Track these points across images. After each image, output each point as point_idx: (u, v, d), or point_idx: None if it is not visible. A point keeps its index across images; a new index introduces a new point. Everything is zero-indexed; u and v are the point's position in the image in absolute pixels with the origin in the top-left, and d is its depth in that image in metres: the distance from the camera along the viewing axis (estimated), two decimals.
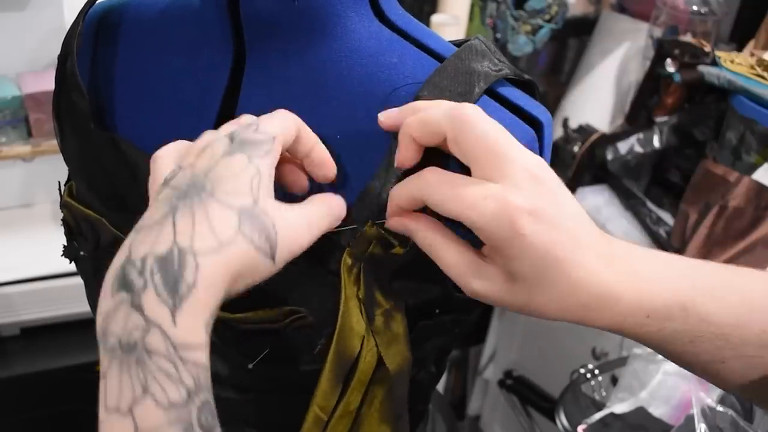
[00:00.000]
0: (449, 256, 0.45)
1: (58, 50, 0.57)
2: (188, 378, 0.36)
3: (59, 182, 0.63)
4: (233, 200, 0.40)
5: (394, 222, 0.47)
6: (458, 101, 0.48)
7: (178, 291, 0.37)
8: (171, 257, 0.37)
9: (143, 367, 0.36)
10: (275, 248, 0.41)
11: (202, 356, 0.37)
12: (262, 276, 0.42)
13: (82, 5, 0.58)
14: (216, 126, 0.55)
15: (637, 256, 0.45)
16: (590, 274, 0.42)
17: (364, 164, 0.51)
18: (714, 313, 0.43)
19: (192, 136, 0.56)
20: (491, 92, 0.51)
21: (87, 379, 1.68)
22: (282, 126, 0.44)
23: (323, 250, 0.49)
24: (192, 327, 0.37)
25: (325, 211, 0.46)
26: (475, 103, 0.49)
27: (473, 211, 0.42)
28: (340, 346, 0.48)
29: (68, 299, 1.49)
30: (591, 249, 0.43)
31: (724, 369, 0.45)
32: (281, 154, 0.44)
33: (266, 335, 0.53)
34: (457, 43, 0.53)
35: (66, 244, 0.62)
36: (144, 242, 0.38)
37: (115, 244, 0.56)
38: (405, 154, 0.46)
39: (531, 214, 0.41)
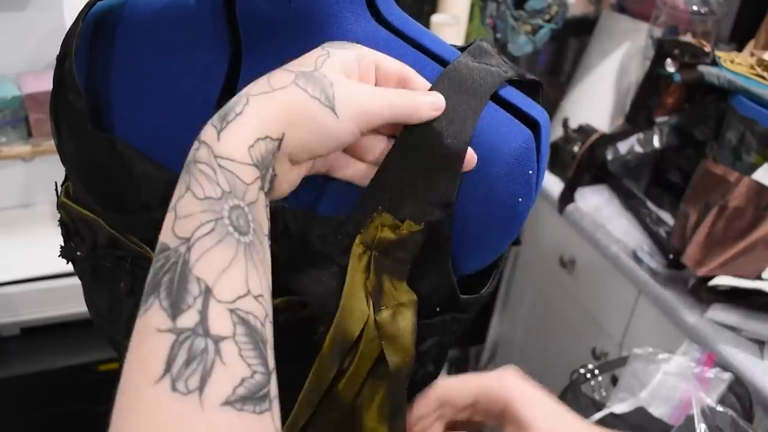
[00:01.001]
0: None
1: (58, 50, 0.57)
2: (224, 181, 0.40)
3: (56, 183, 0.62)
4: (296, 68, 0.44)
5: None
6: (472, 102, 0.49)
7: (227, 118, 0.41)
8: (230, 102, 0.43)
9: (189, 173, 0.40)
10: (333, 100, 0.43)
11: (241, 171, 0.40)
12: (332, 131, 0.44)
13: (82, 6, 0.58)
14: None
15: None
16: None
17: None
18: None
19: (188, 137, 0.56)
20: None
21: (87, 379, 1.69)
22: (366, 49, 0.48)
23: (328, 239, 0.49)
24: (233, 144, 0.40)
25: (403, 94, 0.47)
26: (486, 102, 0.49)
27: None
28: (339, 327, 0.48)
29: (68, 299, 1.49)
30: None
31: None
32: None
33: None
34: (460, 48, 0.54)
35: (63, 244, 0.62)
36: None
37: (112, 244, 0.56)
38: None
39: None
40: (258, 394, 0.36)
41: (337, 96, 0.43)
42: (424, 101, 0.47)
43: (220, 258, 0.38)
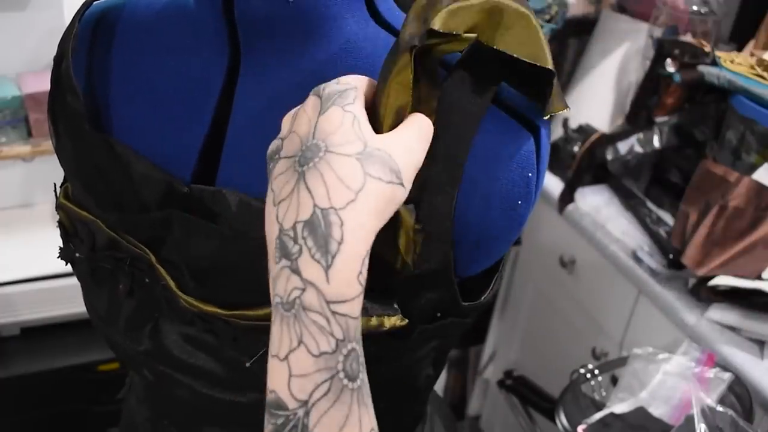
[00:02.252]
0: None
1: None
2: (338, 330, 0.39)
3: (54, 184, 0.62)
4: (348, 149, 0.42)
5: None
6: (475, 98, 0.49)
7: (330, 250, 0.40)
8: (317, 220, 0.40)
9: (299, 322, 0.39)
10: (401, 174, 0.43)
11: (353, 308, 0.40)
12: (401, 202, 0.44)
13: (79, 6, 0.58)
14: (211, 127, 0.55)
15: None
16: None
17: None
18: None
19: (186, 138, 0.55)
20: None
21: (87, 379, 1.69)
22: (360, 80, 0.47)
23: None
24: (345, 281, 0.40)
25: (422, 127, 0.47)
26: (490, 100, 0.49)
27: None
28: None
29: (68, 299, 1.49)
30: None
31: None
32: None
33: (265, 333, 0.53)
34: None
35: (62, 245, 0.62)
36: (290, 212, 0.41)
37: (111, 245, 0.56)
38: None
39: None
40: None
41: (401, 167, 0.43)
42: (427, 123, 0.47)
43: (337, 418, 0.39)
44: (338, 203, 0.40)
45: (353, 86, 0.45)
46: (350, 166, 0.41)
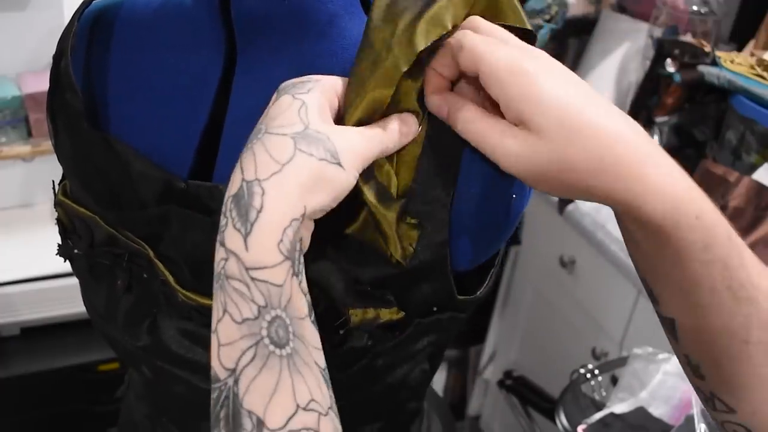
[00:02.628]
0: (481, 123, 0.46)
1: None
2: (259, 296, 0.40)
3: (53, 181, 0.63)
4: (286, 129, 0.43)
5: (433, 101, 0.48)
6: None
7: (249, 218, 0.40)
8: (242, 192, 0.41)
9: (224, 292, 0.40)
10: (337, 156, 0.43)
11: (274, 275, 0.40)
12: (342, 186, 0.43)
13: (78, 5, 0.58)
14: (208, 124, 0.56)
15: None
16: (619, 131, 0.43)
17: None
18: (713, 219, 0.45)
19: (183, 135, 0.56)
20: None
21: (87, 379, 1.69)
22: (327, 77, 0.47)
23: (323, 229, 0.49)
24: (263, 248, 0.40)
25: (387, 127, 0.47)
26: None
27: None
28: None
29: (68, 299, 1.49)
30: (602, 103, 0.44)
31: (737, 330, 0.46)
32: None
33: None
34: None
35: (60, 242, 0.62)
36: (226, 191, 0.43)
37: (109, 241, 0.57)
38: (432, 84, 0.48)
39: (547, 72, 0.44)
40: None
41: (338, 149, 0.43)
42: (402, 132, 0.48)
43: (266, 384, 0.39)
44: (262, 175, 0.41)
45: (315, 79, 0.46)
46: (282, 143, 0.42)
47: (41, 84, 1.53)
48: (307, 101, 0.44)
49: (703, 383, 0.51)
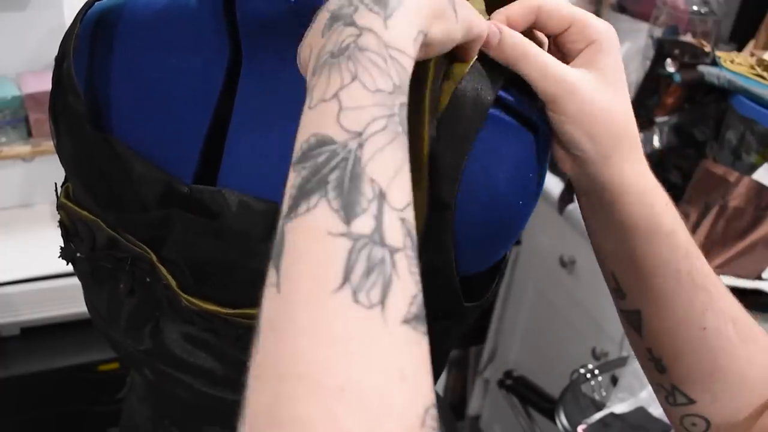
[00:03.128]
0: (543, 56, 0.49)
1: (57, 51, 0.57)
2: (395, 74, 0.37)
3: (55, 184, 0.62)
4: None
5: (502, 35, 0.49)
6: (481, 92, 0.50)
7: (389, 4, 0.38)
8: None
9: (354, 61, 0.36)
10: (455, 2, 0.42)
11: (409, 66, 0.38)
12: (450, 33, 0.42)
13: (81, 6, 0.58)
14: (211, 127, 0.55)
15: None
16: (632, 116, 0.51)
17: None
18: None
19: (187, 138, 0.55)
20: None
21: (87, 379, 1.69)
22: None
23: None
24: (403, 33, 0.38)
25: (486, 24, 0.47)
26: (492, 97, 0.50)
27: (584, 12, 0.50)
28: None
29: (68, 299, 1.49)
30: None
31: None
32: None
33: None
34: None
35: (63, 245, 0.62)
36: None
37: (111, 244, 0.56)
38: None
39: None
40: (423, 314, 0.34)
41: (457, 3, 0.43)
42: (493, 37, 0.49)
43: (393, 159, 0.35)
44: None
45: None
46: None
47: (41, 84, 1.52)
48: None
49: (664, 377, 0.55)
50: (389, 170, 0.34)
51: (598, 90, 0.49)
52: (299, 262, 0.33)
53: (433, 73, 0.47)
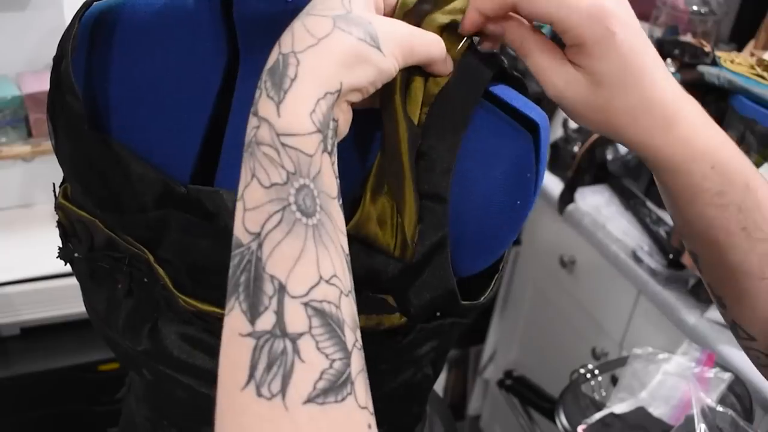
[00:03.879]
0: (539, 54, 0.49)
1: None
2: (288, 162, 0.39)
3: (54, 184, 0.62)
4: (327, 12, 0.42)
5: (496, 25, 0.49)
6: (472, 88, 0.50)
7: (283, 87, 0.40)
8: (277, 64, 0.41)
9: (253, 158, 0.40)
10: (377, 38, 0.43)
11: (305, 144, 0.40)
12: (380, 68, 0.43)
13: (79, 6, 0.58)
14: (209, 128, 0.55)
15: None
16: (662, 92, 0.48)
17: (360, 164, 0.51)
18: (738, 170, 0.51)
19: (184, 138, 0.55)
20: (485, 92, 0.51)
21: (87, 379, 1.68)
22: None
23: None
24: (295, 115, 0.40)
25: (437, 40, 0.47)
26: (481, 94, 0.50)
27: (569, 8, 0.46)
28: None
29: (68, 299, 1.49)
30: (661, 68, 0.49)
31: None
32: None
33: None
34: None
35: (61, 245, 0.62)
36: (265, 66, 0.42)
37: (109, 245, 0.56)
38: (469, 18, 0.49)
39: (621, 19, 0.47)
40: (338, 383, 0.37)
41: (379, 34, 0.43)
42: (445, 56, 0.48)
43: (291, 250, 0.38)
44: (298, 47, 0.41)
45: None
46: (321, 21, 0.42)
47: (41, 84, 1.52)
48: None
49: (725, 312, 0.57)
50: (288, 262, 0.38)
51: (590, 97, 0.48)
52: (222, 362, 0.38)
53: (400, 75, 0.47)
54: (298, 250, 0.38)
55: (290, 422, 0.36)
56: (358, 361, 0.39)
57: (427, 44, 0.46)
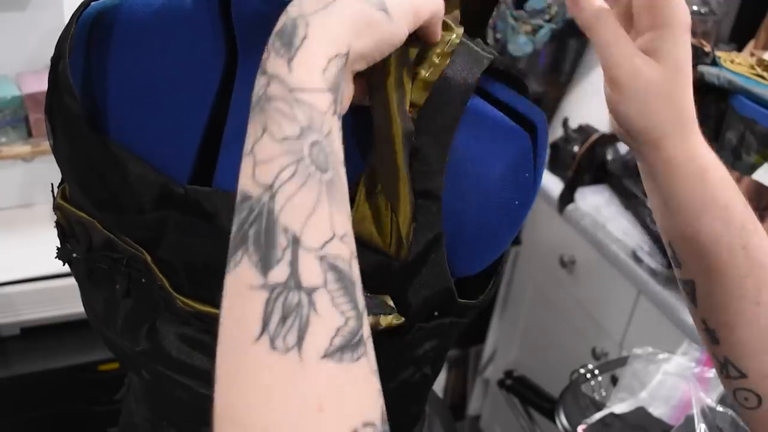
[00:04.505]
0: (620, 33, 0.50)
1: None
2: (301, 116, 0.38)
3: (52, 184, 0.62)
4: None
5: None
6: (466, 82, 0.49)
7: (293, 44, 0.39)
8: (285, 27, 0.40)
9: (263, 113, 0.39)
10: (384, 4, 0.42)
11: (318, 100, 0.39)
12: (388, 34, 0.43)
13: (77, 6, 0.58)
14: (207, 128, 0.55)
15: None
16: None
17: (353, 163, 0.51)
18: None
19: (183, 138, 0.55)
20: (483, 92, 0.51)
21: (87, 379, 1.69)
22: None
23: None
24: (307, 71, 0.39)
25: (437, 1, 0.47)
26: (473, 89, 0.49)
27: None
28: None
29: (68, 299, 1.49)
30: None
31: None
32: None
33: None
34: None
35: (59, 246, 0.62)
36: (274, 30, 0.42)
37: (107, 245, 0.56)
38: None
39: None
40: (353, 341, 0.36)
41: (387, 1, 0.43)
42: (442, 11, 0.48)
43: (305, 203, 0.37)
44: (308, 10, 0.40)
45: None
46: None
47: (41, 84, 1.52)
48: None
49: (717, 348, 0.56)
50: (302, 215, 0.37)
51: (661, 82, 0.50)
52: (227, 316, 0.36)
53: (396, 62, 0.47)
54: (312, 202, 0.37)
55: (308, 378, 0.34)
56: (367, 326, 0.38)
57: (425, 4, 0.46)
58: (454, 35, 0.50)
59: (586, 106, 1.76)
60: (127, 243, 0.55)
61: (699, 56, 1.44)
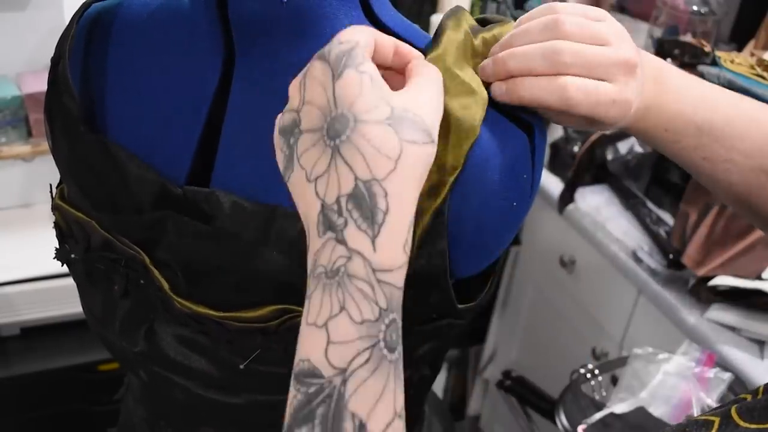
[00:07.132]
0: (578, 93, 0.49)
1: None
2: (382, 299, 0.39)
3: (51, 185, 0.62)
4: (376, 115, 0.40)
5: (499, 88, 0.50)
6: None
7: (376, 220, 0.39)
8: (360, 192, 0.39)
9: (343, 289, 0.38)
10: (431, 132, 0.42)
11: (398, 278, 0.39)
12: (432, 159, 0.43)
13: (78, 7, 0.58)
14: (205, 128, 0.55)
15: (675, 75, 0.54)
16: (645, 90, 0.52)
17: None
18: (727, 138, 0.54)
19: (181, 139, 0.55)
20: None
21: (87, 379, 1.69)
22: (359, 33, 0.44)
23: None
24: (391, 250, 0.39)
25: (432, 76, 0.46)
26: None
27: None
28: None
29: (68, 299, 1.49)
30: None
31: (726, 183, 0.56)
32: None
33: (258, 335, 0.53)
34: None
35: (58, 246, 0.62)
36: (330, 187, 0.40)
37: (105, 246, 0.56)
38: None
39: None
40: None
41: (429, 125, 0.42)
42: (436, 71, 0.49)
43: (375, 388, 0.38)
44: (379, 174, 0.39)
45: (357, 43, 0.42)
46: (384, 134, 0.40)
47: (41, 84, 1.52)
48: (372, 74, 0.41)
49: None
50: (371, 401, 0.37)
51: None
52: None
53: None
54: (381, 387, 0.38)
55: None
56: None
57: (439, 87, 0.46)
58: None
59: None
60: (125, 244, 0.55)
61: (699, 56, 1.44)
